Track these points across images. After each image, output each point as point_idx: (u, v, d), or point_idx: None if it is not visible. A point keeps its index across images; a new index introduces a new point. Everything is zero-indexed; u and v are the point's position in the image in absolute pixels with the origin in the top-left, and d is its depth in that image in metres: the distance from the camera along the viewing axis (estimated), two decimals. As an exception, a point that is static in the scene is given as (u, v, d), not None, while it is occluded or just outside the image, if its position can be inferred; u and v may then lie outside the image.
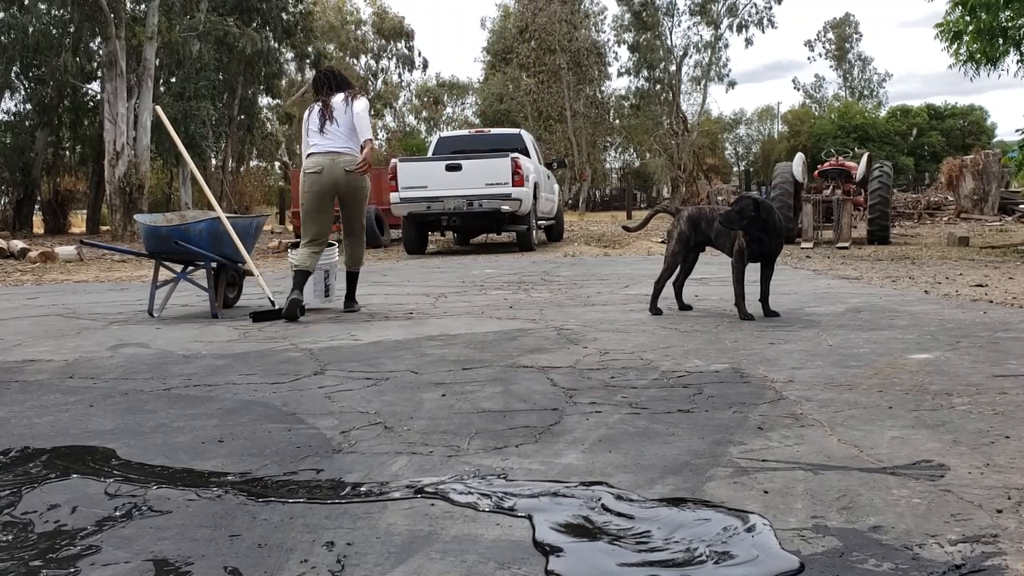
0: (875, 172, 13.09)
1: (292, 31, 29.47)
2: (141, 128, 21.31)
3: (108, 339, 4.92)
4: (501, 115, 42.20)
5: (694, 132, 41.58)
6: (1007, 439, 2.40)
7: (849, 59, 63.62)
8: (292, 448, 2.52)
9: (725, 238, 5.15)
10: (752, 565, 1.64)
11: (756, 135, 68.72)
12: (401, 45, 48.40)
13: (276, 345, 4.52)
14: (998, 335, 4.20)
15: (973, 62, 11.59)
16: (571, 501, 2.01)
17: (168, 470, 2.34)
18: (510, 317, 5.42)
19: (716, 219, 5.14)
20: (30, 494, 2.16)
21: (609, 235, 17.69)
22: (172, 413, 3.00)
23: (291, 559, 1.72)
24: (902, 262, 9.56)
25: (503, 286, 7.67)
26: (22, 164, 26.46)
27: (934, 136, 53.09)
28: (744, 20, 41.17)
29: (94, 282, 9.79)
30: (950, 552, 1.65)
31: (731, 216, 4.93)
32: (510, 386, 3.29)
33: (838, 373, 3.36)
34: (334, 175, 5.75)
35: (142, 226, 6.01)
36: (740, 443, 2.43)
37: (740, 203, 4.96)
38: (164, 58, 24.33)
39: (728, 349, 4.01)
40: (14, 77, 25.94)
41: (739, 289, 5.04)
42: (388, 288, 7.80)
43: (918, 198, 25.22)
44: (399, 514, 1.95)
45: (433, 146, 15.02)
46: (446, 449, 2.46)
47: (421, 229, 13.70)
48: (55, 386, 3.55)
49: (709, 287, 6.87)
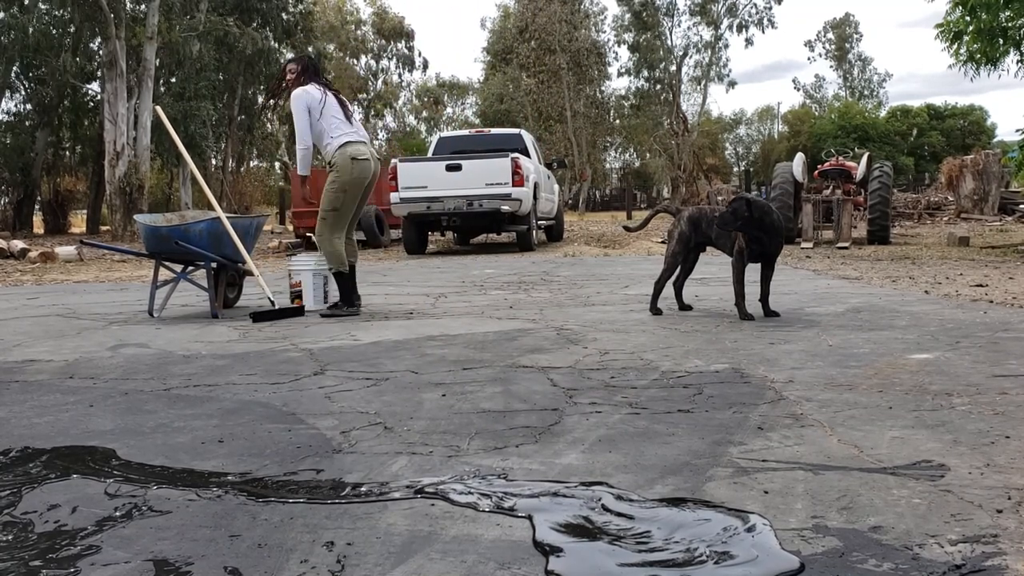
0: (875, 172, 13.09)
1: (292, 31, 29.48)
2: (141, 128, 21.32)
3: (108, 339, 4.92)
4: (501, 115, 42.21)
5: (694, 132, 41.60)
6: (1007, 439, 2.40)
7: (849, 59, 63.65)
8: (292, 448, 2.52)
9: (725, 238, 5.15)
10: (752, 565, 1.64)
11: (756, 135, 68.77)
12: (401, 45, 48.47)
13: (276, 345, 4.52)
14: (998, 335, 4.20)
15: (973, 62, 11.59)
16: (571, 501, 2.01)
17: (168, 470, 2.34)
18: (510, 317, 5.42)
19: (716, 219, 5.14)
20: (30, 494, 2.16)
21: (609, 235, 17.69)
22: (172, 413, 3.00)
23: (291, 559, 1.71)
24: (902, 262, 9.56)
25: (503, 286, 7.67)
26: (22, 164, 26.47)
27: (934, 136, 53.11)
28: (744, 20, 41.22)
29: (94, 282, 9.80)
30: (950, 552, 1.65)
31: (725, 217, 4.93)
32: (510, 386, 3.29)
33: (838, 373, 3.36)
34: (375, 167, 5.87)
35: (142, 226, 6.01)
36: (740, 443, 2.43)
37: (734, 204, 4.96)
38: (164, 58, 24.34)
39: (728, 349, 4.01)
40: (14, 77, 25.96)
41: (739, 289, 5.04)
42: (388, 288, 7.80)
43: (918, 198, 25.23)
44: (399, 514, 1.95)
45: (433, 146, 15.03)
46: (446, 449, 2.46)
47: (421, 229, 13.70)
48: (55, 386, 3.55)
49: (709, 287, 6.87)
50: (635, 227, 6.54)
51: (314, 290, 6.15)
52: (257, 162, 40.18)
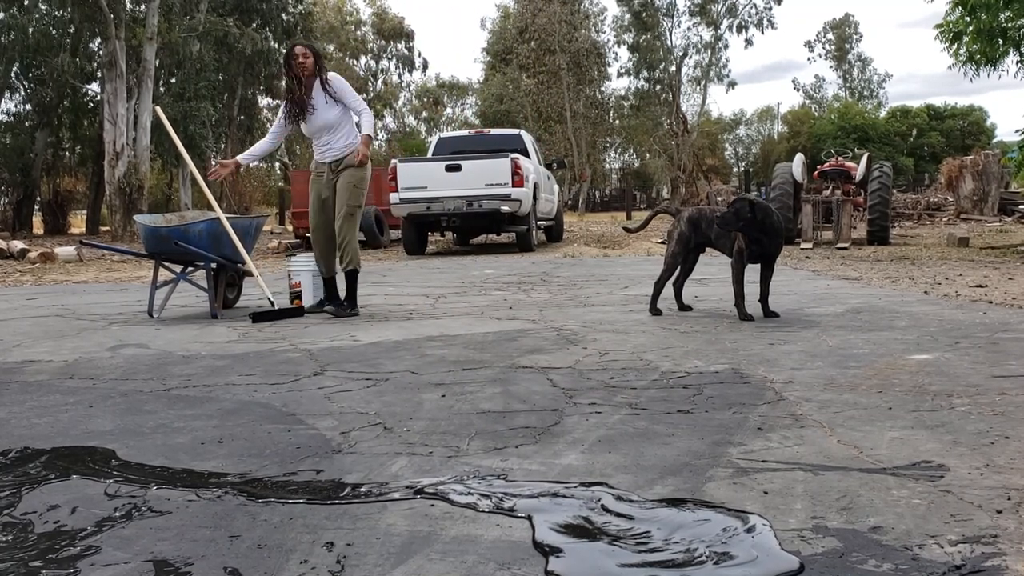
0: (875, 173, 13.09)
1: (292, 31, 29.47)
2: (141, 129, 21.32)
3: (108, 340, 4.92)
4: (501, 116, 42.19)
5: (694, 133, 41.59)
6: (1007, 440, 2.40)
7: (849, 59, 63.64)
8: (292, 449, 2.52)
9: (725, 239, 5.15)
10: (752, 566, 1.64)
11: (756, 136, 68.73)
12: (401, 46, 48.44)
13: (276, 346, 4.52)
14: (998, 336, 4.20)
15: (973, 62, 11.59)
16: (571, 502, 2.01)
17: (168, 471, 2.34)
18: (510, 318, 5.42)
19: (716, 220, 5.14)
20: (30, 495, 2.16)
21: (609, 236, 17.69)
22: (172, 414, 3.00)
23: (291, 560, 1.71)
24: (902, 263, 9.56)
25: (503, 287, 7.67)
26: (22, 165, 26.48)
27: (934, 137, 53.09)
28: (744, 21, 41.19)
29: (94, 283, 9.79)
30: (950, 553, 1.65)
31: (727, 218, 4.94)
32: (510, 387, 3.29)
33: (838, 374, 3.36)
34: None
35: (142, 227, 6.01)
36: (740, 444, 2.43)
37: (736, 204, 4.96)
38: (164, 58, 24.34)
39: (728, 350, 4.01)
40: (14, 78, 25.96)
41: (739, 290, 5.04)
42: (388, 288, 7.80)
43: (918, 199, 25.22)
44: (399, 515, 1.95)
45: (433, 147, 15.03)
46: (446, 450, 2.46)
47: (421, 229, 13.69)
48: (55, 387, 3.55)
49: (709, 288, 6.87)
50: (635, 228, 6.54)
51: (314, 290, 6.15)
52: (257, 162, 40.17)
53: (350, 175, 5.72)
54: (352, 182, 5.71)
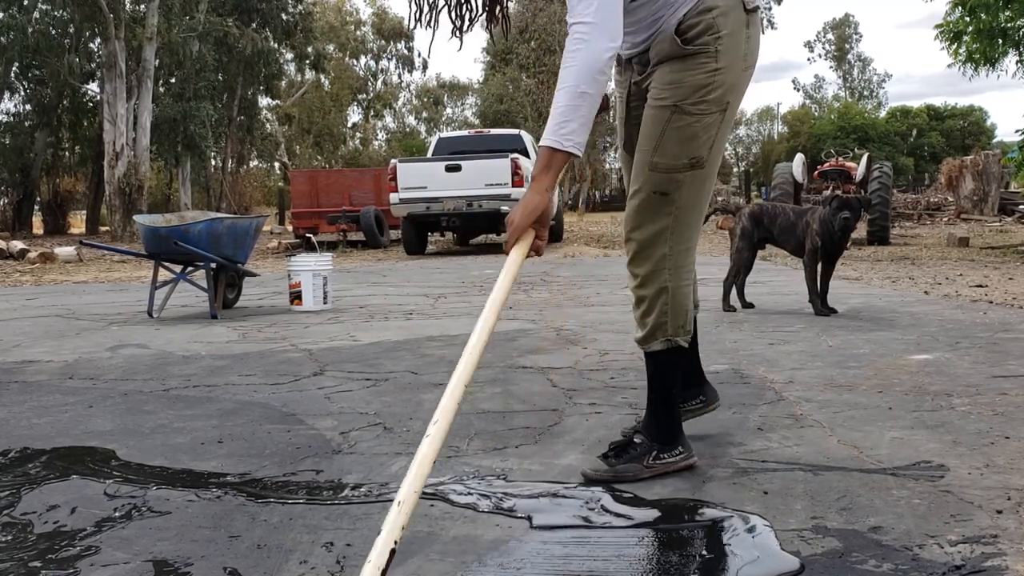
0: (875, 173, 13.09)
1: (292, 32, 29.48)
2: (140, 129, 21.32)
3: (107, 340, 4.92)
4: (501, 116, 42.17)
5: (694, 133, 41.49)
6: (1007, 440, 2.39)
7: (849, 60, 63.70)
8: (291, 449, 2.51)
9: (790, 235, 5.31)
10: (752, 566, 1.63)
11: (756, 136, 68.70)
12: (401, 46, 48.43)
13: (275, 346, 4.52)
14: (998, 336, 4.20)
15: (972, 62, 11.59)
16: (571, 502, 2.01)
17: (167, 471, 2.34)
18: (510, 318, 5.42)
19: (778, 216, 5.33)
20: (29, 495, 2.16)
21: (609, 236, 17.69)
22: (171, 414, 3.00)
23: (290, 560, 1.71)
24: (902, 263, 9.55)
25: (503, 287, 7.66)
26: (22, 165, 26.48)
27: (934, 137, 53.10)
28: (744, 21, 41.17)
29: (93, 283, 9.79)
30: (950, 553, 1.65)
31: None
32: (510, 387, 3.29)
33: (838, 374, 3.36)
34: None
35: (141, 227, 6.01)
36: (740, 444, 2.43)
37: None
38: (164, 58, 24.34)
39: (728, 349, 4.01)
40: (14, 78, 25.96)
41: (813, 287, 5.23)
42: (388, 288, 7.79)
43: (918, 199, 25.22)
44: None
45: (432, 147, 15.03)
46: (445, 450, 2.46)
47: (420, 230, 13.70)
48: (54, 387, 3.55)
49: (708, 288, 6.86)
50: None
51: (313, 290, 6.15)
52: (257, 162, 40.22)
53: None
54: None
